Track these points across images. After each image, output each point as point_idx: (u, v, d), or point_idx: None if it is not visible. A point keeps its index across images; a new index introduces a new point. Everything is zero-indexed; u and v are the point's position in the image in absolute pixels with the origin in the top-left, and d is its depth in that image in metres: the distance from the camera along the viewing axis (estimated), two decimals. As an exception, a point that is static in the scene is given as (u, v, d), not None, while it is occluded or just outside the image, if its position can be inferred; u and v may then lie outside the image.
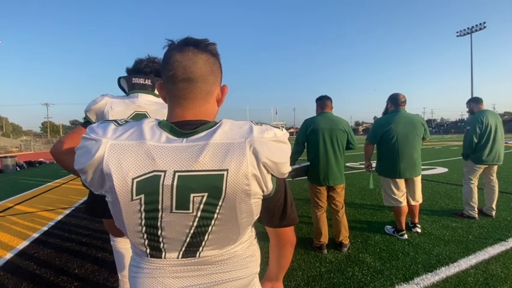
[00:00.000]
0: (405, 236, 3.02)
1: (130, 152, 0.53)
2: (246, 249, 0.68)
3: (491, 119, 3.50)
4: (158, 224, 0.58)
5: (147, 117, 1.28)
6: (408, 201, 3.10)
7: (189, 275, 0.64)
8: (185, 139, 0.56)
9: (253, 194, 0.58)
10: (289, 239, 0.75)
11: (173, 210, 0.56)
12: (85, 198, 5.50)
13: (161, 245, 0.61)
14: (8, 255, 2.94)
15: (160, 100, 1.38)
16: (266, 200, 0.63)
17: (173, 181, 0.54)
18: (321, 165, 2.70)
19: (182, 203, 0.56)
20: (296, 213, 0.72)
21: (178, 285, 0.63)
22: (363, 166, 4.21)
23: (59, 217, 4.31)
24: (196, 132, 0.58)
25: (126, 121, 0.61)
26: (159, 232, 0.59)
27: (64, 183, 7.70)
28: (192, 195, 0.55)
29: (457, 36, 40.90)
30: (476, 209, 3.59)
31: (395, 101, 3.07)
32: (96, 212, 0.69)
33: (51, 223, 4.01)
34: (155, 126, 0.58)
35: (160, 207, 0.56)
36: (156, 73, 1.39)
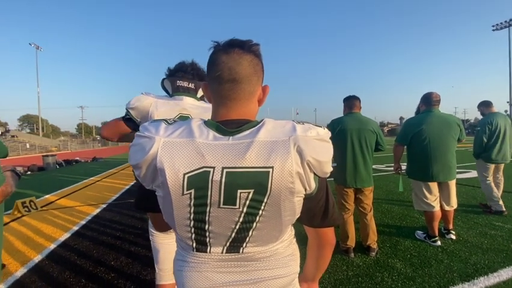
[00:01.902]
0: (438, 243, 2.87)
1: (181, 149, 0.56)
2: (286, 247, 0.70)
3: (500, 121, 3.81)
4: (206, 218, 0.61)
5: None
6: (441, 206, 2.94)
7: (233, 270, 0.66)
8: (231, 137, 0.59)
9: (297, 192, 0.59)
10: (329, 239, 0.74)
11: (221, 205, 0.59)
12: (117, 195, 5.87)
13: (207, 239, 0.64)
14: (52, 246, 3.20)
15: (203, 104, 1.41)
16: (308, 199, 0.63)
17: (221, 177, 0.56)
18: (348, 166, 2.64)
19: (229, 199, 0.58)
20: (338, 214, 0.72)
21: (222, 280, 0.66)
22: (389, 168, 4.08)
23: (95, 212, 4.61)
24: (241, 130, 0.60)
25: (174, 120, 0.64)
26: (206, 226, 0.62)
27: (98, 181, 8.22)
28: (238, 191, 0.57)
29: (493, 30, 37.87)
30: (501, 202, 3.84)
31: (427, 101, 2.92)
32: (145, 206, 0.74)
33: (88, 217, 4.31)
34: (202, 125, 0.61)
35: (208, 202, 0.58)
36: (199, 78, 1.42)
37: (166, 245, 1.41)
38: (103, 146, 47.85)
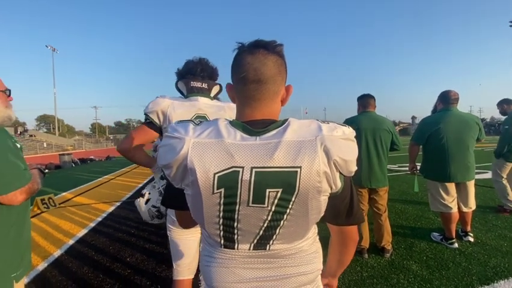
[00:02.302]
0: (456, 245, 2.79)
1: (211, 149, 0.58)
2: (311, 245, 0.71)
3: None
4: (235, 216, 0.62)
5: (207, 119, 1.36)
6: (459, 208, 2.86)
7: (259, 266, 0.68)
8: (258, 137, 0.60)
9: (323, 191, 0.60)
10: (353, 237, 0.75)
11: (250, 204, 0.60)
12: (131, 193, 6.01)
13: (235, 236, 0.65)
14: (71, 242, 3.31)
15: (217, 103, 1.45)
16: (333, 197, 0.64)
17: (250, 176, 0.57)
18: (363, 166, 2.61)
19: (258, 198, 0.59)
20: (362, 213, 0.73)
21: (249, 275, 0.67)
22: (402, 169, 4.01)
23: (110, 209, 4.73)
24: (267, 130, 0.61)
25: (200, 121, 0.65)
26: (235, 224, 0.63)
27: (112, 179, 8.43)
28: (267, 190, 0.58)
29: (511, 25, 36.26)
30: None
31: (445, 99, 2.84)
32: (171, 204, 0.76)
33: (104, 215, 4.43)
34: (228, 125, 0.62)
35: (238, 200, 0.60)
36: (209, 77, 1.45)
37: (183, 240, 1.44)
38: (116, 145, 48.91)
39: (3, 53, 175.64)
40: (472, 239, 2.92)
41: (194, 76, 1.41)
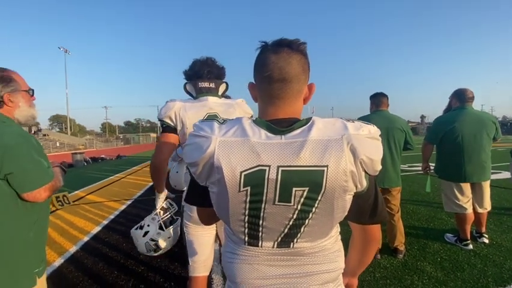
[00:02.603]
0: (470, 246, 2.74)
1: (237, 148, 0.59)
2: (333, 243, 0.71)
3: None
4: (261, 214, 0.63)
5: (218, 117, 1.38)
6: (474, 209, 2.80)
7: (283, 264, 0.68)
8: (283, 136, 0.60)
9: (349, 190, 0.60)
10: (375, 236, 0.75)
11: (276, 203, 0.61)
12: (141, 191, 6.10)
13: (260, 234, 0.66)
14: (85, 238, 3.39)
15: (226, 101, 1.48)
16: (358, 196, 0.64)
17: (277, 175, 0.58)
18: (375, 166, 2.58)
19: (284, 196, 0.60)
20: (386, 212, 0.72)
21: (273, 272, 0.68)
22: (412, 168, 3.94)
23: (122, 207, 4.82)
24: (291, 129, 0.61)
25: (224, 120, 0.66)
26: (260, 222, 0.64)
27: (122, 178, 8.58)
28: (294, 189, 0.59)
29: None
30: None
31: (461, 97, 2.78)
32: (194, 201, 0.78)
33: (117, 212, 4.52)
34: (252, 124, 0.62)
35: (264, 199, 0.60)
36: (216, 76, 1.48)
37: (199, 237, 1.47)
38: (126, 144, 49.84)
39: (18, 55, 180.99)
40: (486, 241, 2.86)
41: (200, 78, 1.44)
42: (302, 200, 0.60)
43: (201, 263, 1.48)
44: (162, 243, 1.43)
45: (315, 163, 0.57)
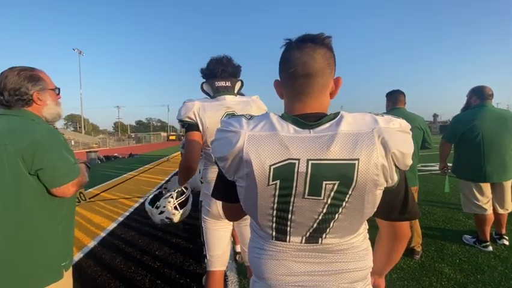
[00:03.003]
0: (490, 248, 2.66)
1: (266, 142, 0.59)
2: (361, 241, 0.70)
3: None
4: (290, 208, 0.62)
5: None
6: (494, 209, 2.71)
7: (311, 260, 0.68)
8: (311, 130, 0.60)
9: (380, 185, 0.59)
10: (405, 233, 0.73)
11: (306, 196, 0.60)
12: (154, 189, 6.20)
13: (288, 228, 0.66)
14: (102, 234, 3.49)
15: (242, 98, 1.49)
16: (387, 192, 0.63)
17: (307, 168, 0.57)
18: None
19: (314, 190, 0.59)
20: (417, 208, 0.70)
21: (301, 269, 0.68)
22: (425, 168, 3.83)
23: (136, 204, 4.92)
24: (319, 123, 0.60)
25: (251, 116, 0.66)
26: (289, 216, 0.64)
27: (136, 175, 8.74)
28: (324, 182, 0.58)
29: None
30: None
31: (481, 94, 2.69)
32: (221, 196, 0.79)
33: (131, 209, 4.61)
34: (279, 119, 0.63)
35: (293, 192, 0.60)
36: (231, 74, 1.48)
37: (217, 231, 1.49)
38: (137, 143, 50.77)
39: (36, 56, 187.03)
40: (507, 242, 2.77)
41: (216, 77, 1.46)
42: (332, 193, 0.59)
43: (218, 258, 1.50)
44: (176, 219, 1.57)
45: (346, 156, 0.56)
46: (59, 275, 1.18)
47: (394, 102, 2.67)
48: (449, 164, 2.96)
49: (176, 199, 1.57)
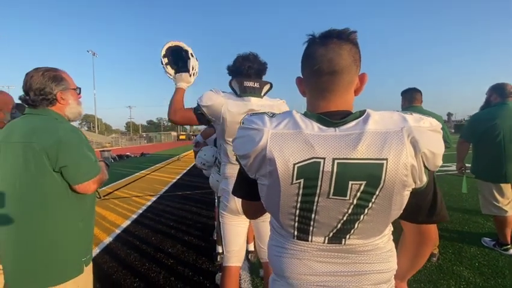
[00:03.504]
0: (511, 251, 2.56)
1: (290, 140, 0.57)
2: (386, 243, 0.68)
3: None
4: (314, 207, 0.61)
5: None
6: (515, 211, 2.61)
7: (333, 261, 0.66)
8: (337, 128, 0.58)
9: (408, 186, 0.57)
10: (432, 237, 0.71)
11: (331, 196, 0.59)
12: (166, 187, 6.29)
13: (311, 228, 0.64)
14: (117, 231, 3.56)
15: (267, 102, 1.47)
16: (416, 193, 0.60)
17: (332, 168, 0.56)
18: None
19: (340, 190, 0.57)
20: (446, 210, 0.67)
21: (323, 269, 0.66)
22: (440, 168, 3.69)
23: (149, 203, 5.00)
24: (345, 122, 0.59)
25: (273, 113, 0.64)
26: (312, 216, 0.62)
27: (147, 174, 8.89)
28: (350, 182, 0.56)
29: None
30: None
31: (502, 92, 2.58)
32: (241, 194, 0.78)
33: (144, 207, 4.69)
34: (303, 117, 0.61)
35: (318, 192, 0.59)
36: (256, 72, 1.47)
37: (234, 227, 1.49)
38: (149, 142, 51.64)
39: (53, 57, 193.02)
40: (529, 246, 2.66)
41: (242, 75, 1.45)
42: (359, 194, 0.58)
43: (235, 253, 1.51)
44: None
45: (374, 156, 0.54)
46: (79, 270, 1.21)
47: (410, 100, 2.61)
48: (467, 165, 2.87)
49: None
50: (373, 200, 0.58)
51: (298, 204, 0.62)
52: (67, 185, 1.14)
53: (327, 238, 0.65)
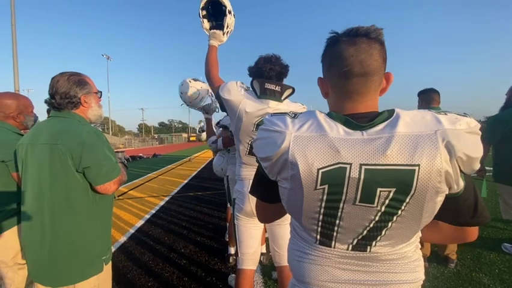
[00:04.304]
0: (534, 259, 2.46)
1: (314, 143, 0.55)
2: (413, 251, 0.65)
3: None
4: (338, 214, 0.59)
5: None
6: (539, 217, 2.51)
7: (357, 269, 0.63)
8: (364, 132, 0.55)
9: (441, 192, 0.54)
10: (473, 237, 0.66)
11: (357, 203, 0.56)
12: (178, 188, 6.37)
13: (334, 234, 0.62)
14: (131, 231, 3.63)
15: (285, 106, 1.42)
16: (453, 198, 0.57)
17: (360, 174, 0.53)
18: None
19: (367, 197, 0.55)
20: (487, 211, 0.63)
21: (346, 277, 0.64)
22: None
23: (162, 203, 5.08)
24: (373, 124, 0.55)
25: (295, 113, 0.62)
26: (337, 222, 0.60)
27: (160, 175, 9.03)
28: (378, 189, 0.53)
29: None
30: None
31: (523, 93, 2.51)
32: (259, 195, 0.78)
33: (157, 207, 4.77)
34: (327, 119, 0.58)
35: (343, 198, 0.56)
36: (277, 75, 1.43)
37: (249, 229, 1.49)
38: (160, 143, 52.48)
39: (69, 63, 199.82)
40: (553, 253, 2.55)
41: (263, 77, 1.41)
42: (387, 201, 0.55)
43: (250, 256, 1.51)
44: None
45: (405, 162, 0.51)
46: (99, 268, 1.25)
47: (428, 101, 2.54)
48: (487, 168, 2.78)
49: None
50: (403, 207, 0.55)
51: (322, 210, 0.60)
52: (88, 185, 1.18)
53: (351, 245, 0.63)
